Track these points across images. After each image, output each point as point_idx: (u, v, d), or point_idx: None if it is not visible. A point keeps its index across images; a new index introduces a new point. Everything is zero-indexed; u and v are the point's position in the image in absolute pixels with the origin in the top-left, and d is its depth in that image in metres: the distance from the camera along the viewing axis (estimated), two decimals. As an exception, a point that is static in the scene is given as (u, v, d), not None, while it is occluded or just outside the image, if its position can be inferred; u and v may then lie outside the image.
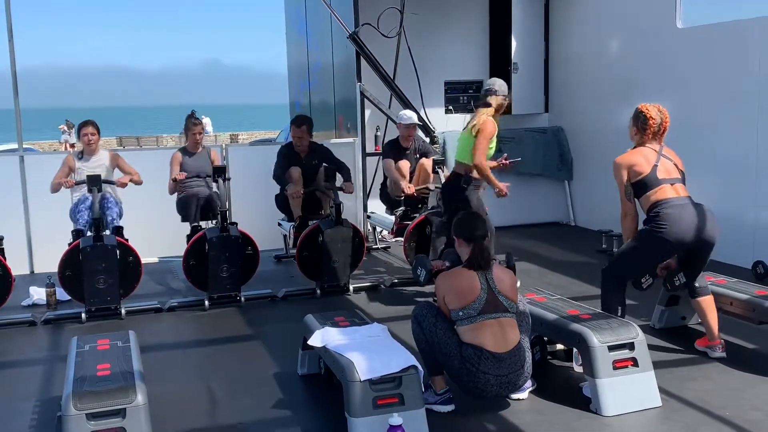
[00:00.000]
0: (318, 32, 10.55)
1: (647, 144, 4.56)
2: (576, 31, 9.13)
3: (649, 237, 4.45)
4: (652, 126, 4.52)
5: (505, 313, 3.86)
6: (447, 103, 9.40)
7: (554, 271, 7.10)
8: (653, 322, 5.26)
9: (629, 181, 4.50)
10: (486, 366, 3.74)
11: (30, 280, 6.93)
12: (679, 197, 4.45)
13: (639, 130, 4.57)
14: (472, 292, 3.84)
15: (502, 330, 3.83)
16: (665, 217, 4.38)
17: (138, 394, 3.36)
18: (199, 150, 7.21)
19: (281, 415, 4.04)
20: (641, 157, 4.51)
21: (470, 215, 4.30)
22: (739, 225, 6.86)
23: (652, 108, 4.55)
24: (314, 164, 7.22)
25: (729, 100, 7.01)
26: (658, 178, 4.45)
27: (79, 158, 6.81)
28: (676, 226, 4.37)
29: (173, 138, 34.82)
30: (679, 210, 4.40)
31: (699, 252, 4.54)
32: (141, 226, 6.93)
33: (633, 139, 4.64)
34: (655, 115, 4.53)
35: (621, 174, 4.53)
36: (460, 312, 3.84)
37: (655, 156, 4.50)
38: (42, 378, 4.70)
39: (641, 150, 4.55)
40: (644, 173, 4.46)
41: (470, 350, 3.77)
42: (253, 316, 5.93)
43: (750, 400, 4.00)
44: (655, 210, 4.43)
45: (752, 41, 6.77)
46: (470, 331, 3.80)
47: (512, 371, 3.80)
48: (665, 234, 4.38)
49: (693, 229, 4.40)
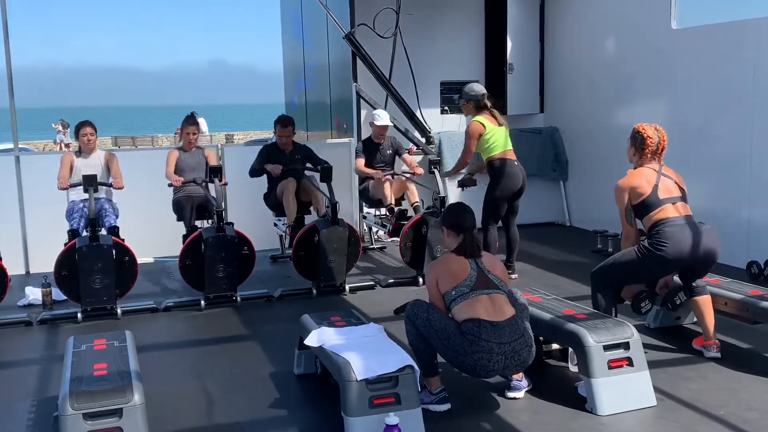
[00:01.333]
0: (314, 32, 10.56)
1: (646, 164, 4.58)
2: (571, 32, 9.15)
3: (648, 252, 4.48)
4: (650, 146, 4.56)
5: (497, 290, 3.91)
6: (443, 104, 9.42)
7: (549, 271, 7.12)
8: (648, 321, 5.28)
9: (630, 203, 4.53)
10: (487, 334, 3.76)
11: (26, 280, 6.92)
12: (680, 216, 4.48)
13: (637, 151, 4.61)
14: (463, 272, 3.90)
15: (495, 303, 3.87)
16: (666, 235, 4.42)
17: (135, 394, 3.36)
18: (193, 150, 7.24)
19: (277, 415, 4.05)
20: (642, 179, 4.54)
21: (458, 207, 4.29)
22: (733, 225, 6.89)
23: (648, 128, 4.59)
24: (297, 159, 7.37)
25: (723, 101, 7.03)
26: (660, 198, 4.48)
27: (77, 156, 6.83)
28: (676, 244, 4.42)
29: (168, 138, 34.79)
30: (680, 229, 4.44)
31: (698, 269, 4.62)
32: (137, 226, 6.92)
33: (632, 160, 4.68)
34: (653, 135, 4.56)
35: (623, 197, 4.55)
36: (453, 291, 3.87)
37: (655, 176, 4.53)
38: (38, 378, 4.70)
39: (641, 171, 4.58)
40: (645, 194, 4.49)
41: (469, 324, 3.79)
42: (249, 316, 5.93)
43: (745, 400, 4.02)
44: (656, 228, 4.47)
45: (747, 42, 6.80)
46: (465, 307, 3.84)
47: (514, 339, 3.81)
48: (665, 252, 4.42)
49: (692, 248, 4.45)
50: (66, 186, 6.55)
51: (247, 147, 11.24)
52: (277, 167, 7.16)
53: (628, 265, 4.59)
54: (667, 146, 4.65)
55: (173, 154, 7.17)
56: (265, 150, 7.49)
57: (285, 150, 7.41)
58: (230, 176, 7.39)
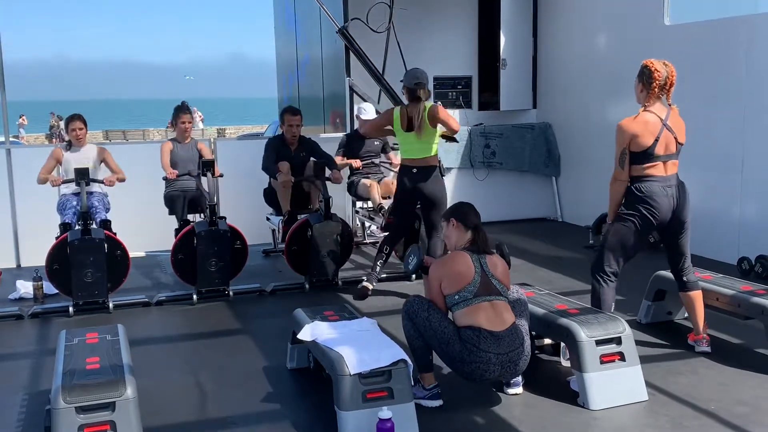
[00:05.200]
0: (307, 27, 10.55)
1: (653, 103, 4.46)
2: (564, 28, 9.16)
3: (629, 217, 4.46)
4: (658, 79, 4.41)
5: (498, 296, 3.90)
6: (436, 99, 9.40)
7: (541, 266, 7.14)
8: (639, 317, 5.31)
9: (628, 148, 4.43)
10: (486, 345, 3.76)
11: (17, 274, 6.89)
12: (665, 176, 4.44)
13: (644, 86, 4.47)
14: (468, 275, 3.87)
15: (497, 311, 3.85)
16: (645, 195, 4.40)
17: (127, 388, 3.36)
18: (187, 141, 7.22)
19: (270, 409, 4.05)
20: (646, 128, 4.41)
21: (463, 203, 4.27)
22: (724, 221, 6.93)
23: (657, 62, 4.45)
24: (302, 156, 7.28)
25: (715, 97, 7.06)
26: (656, 154, 4.40)
27: (66, 149, 6.79)
28: (653, 203, 4.40)
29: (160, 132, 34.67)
30: (659, 189, 4.41)
31: (673, 230, 4.56)
32: (129, 220, 6.91)
33: (639, 97, 4.53)
34: (661, 68, 4.43)
35: (624, 140, 4.42)
36: (456, 296, 3.86)
37: (659, 127, 4.41)
38: (30, 371, 4.68)
39: (647, 118, 4.43)
40: (644, 147, 4.39)
41: (468, 332, 3.79)
42: (241, 310, 5.93)
43: (735, 395, 4.05)
44: (639, 184, 4.43)
45: (739, 39, 6.82)
46: (466, 314, 3.83)
47: (512, 349, 3.82)
48: (644, 211, 4.40)
49: (670, 209, 4.44)
50: (58, 183, 6.48)
51: (240, 141, 11.22)
52: (287, 181, 6.94)
53: (615, 242, 4.53)
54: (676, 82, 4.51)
55: (167, 145, 7.15)
56: (271, 145, 7.28)
57: (291, 145, 7.28)
58: (223, 170, 7.36)
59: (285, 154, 7.19)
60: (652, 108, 4.46)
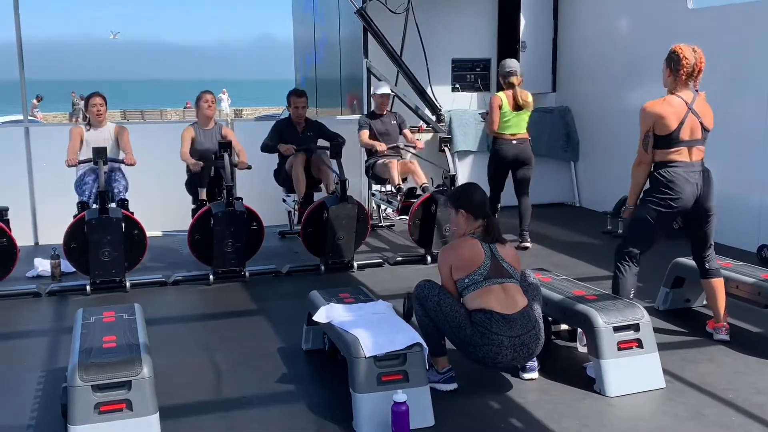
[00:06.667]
0: (325, 7, 10.49)
1: (680, 90, 4.39)
2: (586, 11, 9.05)
3: (651, 204, 4.41)
4: (686, 66, 4.34)
5: (510, 279, 3.87)
6: (454, 81, 9.36)
7: (559, 251, 7.10)
8: (657, 303, 5.26)
9: (652, 131, 4.37)
10: (498, 327, 3.73)
11: (34, 252, 6.94)
12: (689, 162, 4.38)
13: (672, 72, 4.40)
14: (478, 259, 3.84)
15: (508, 294, 3.82)
16: (668, 182, 4.35)
17: (144, 367, 3.37)
18: (211, 125, 7.13)
19: (285, 390, 4.06)
20: (671, 111, 4.34)
21: (474, 188, 4.13)
22: (744, 208, 6.84)
23: (686, 48, 4.37)
24: (310, 136, 7.35)
25: (738, 82, 6.95)
26: (681, 139, 4.34)
27: (87, 128, 6.78)
28: (677, 190, 4.35)
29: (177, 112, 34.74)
30: (683, 175, 4.35)
31: (697, 217, 4.50)
32: (146, 199, 6.92)
33: (666, 82, 4.47)
34: (689, 56, 4.35)
35: (648, 122, 4.36)
36: (466, 279, 3.83)
37: (685, 111, 4.34)
38: (47, 349, 4.72)
39: (672, 101, 4.37)
40: (669, 130, 4.33)
41: (480, 315, 3.76)
42: (257, 291, 5.94)
43: (754, 384, 4.01)
44: (663, 170, 4.38)
45: (763, 23, 6.70)
46: (477, 297, 3.80)
47: (524, 332, 3.79)
48: (667, 198, 4.36)
49: (693, 196, 4.38)
50: (75, 163, 6.49)
51: (257, 123, 11.21)
52: (290, 147, 7.11)
53: (640, 226, 4.49)
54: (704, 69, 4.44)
55: (188, 132, 6.99)
56: (277, 126, 7.44)
57: (298, 126, 7.37)
58: (239, 151, 7.35)
59: (293, 135, 7.26)
60: (678, 92, 4.39)
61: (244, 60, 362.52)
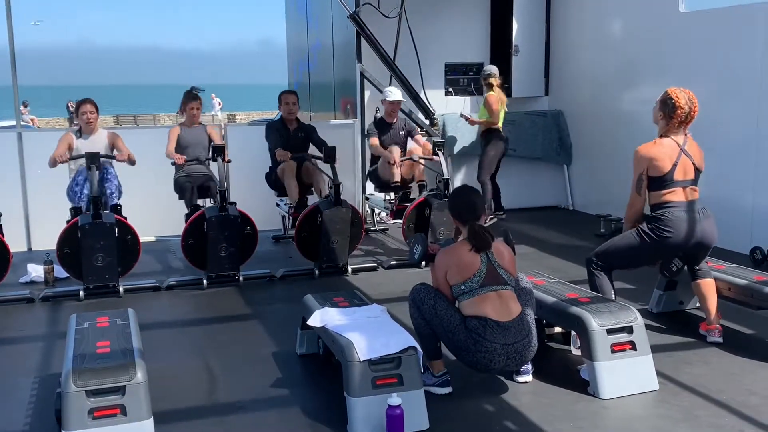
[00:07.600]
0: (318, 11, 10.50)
1: (672, 133, 4.46)
2: (578, 14, 9.09)
3: (649, 238, 4.46)
4: (680, 116, 4.41)
5: (505, 286, 3.87)
6: (447, 85, 9.37)
7: (552, 254, 7.11)
8: (651, 306, 5.28)
9: (647, 173, 4.44)
10: (492, 335, 3.74)
11: (28, 257, 6.90)
12: (686, 202, 4.44)
13: (665, 117, 4.46)
14: (473, 265, 3.84)
15: (503, 301, 3.83)
16: (668, 222, 4.41)
17: (138, 372, 3.36)
18: (196, 125, 7.20)
19: (279, 394, 4.05)
20: (664, 153, 4.42)
21: (464, 193, 4.16)
22: (737, 210, 6.87)
23: (682, 96, 4.41)
24: (300, 137, 7.35)
25: (730, 85, 6.99)
26: (675, 179, 4.41)
27: (77, 136, 6.73)
28: (678, 231, 4.41)
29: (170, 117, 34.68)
30: (684, 215, 4.42)
31: (698, 254, 4.62)
32: (139, 204, 6.91)
33: (657, 123, 4.54)
34: (684, 105, 4.40)
35: (642, 165, 4.45)
36: (462, 286, 3.83)
37: (677, 153, 4.42)
38: (41, 355, 4.70)
39: (664, 143, 4.45)
40: (663, 172, 4.40)
41: (474, 321, 3.77)
42: (251, 295, 5.93)
43: (747, 385, 4.02)
44: (661, 210, 4.43)
45: (755, 26, 6.74)
46: (472, 304, 3.81)
47: (518, 339, 3.80)
48: (667, 239, 4.42)
49: (693, 235, 4.44)
50: (63, 160, 6.36)
51: (250, 127, 11.20)
52: (286, 154, 7.03)
53: (627, 250, 4.56)
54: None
55: (174, 131, 7.11)
56: (271, 127, 7.38)
57: (290, 125, 7.37)
58: (233, 156, 7.36)
59: (284, 135, 7.28)
60: (669, 135, 4.47)
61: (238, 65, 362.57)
